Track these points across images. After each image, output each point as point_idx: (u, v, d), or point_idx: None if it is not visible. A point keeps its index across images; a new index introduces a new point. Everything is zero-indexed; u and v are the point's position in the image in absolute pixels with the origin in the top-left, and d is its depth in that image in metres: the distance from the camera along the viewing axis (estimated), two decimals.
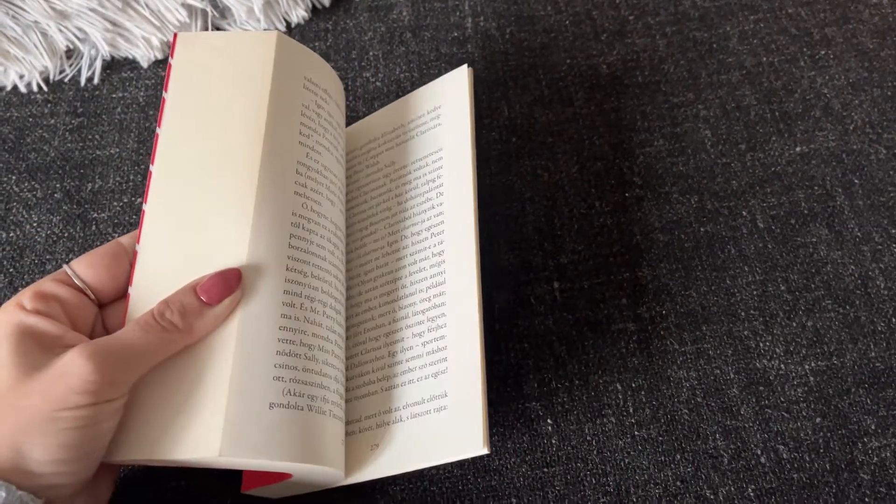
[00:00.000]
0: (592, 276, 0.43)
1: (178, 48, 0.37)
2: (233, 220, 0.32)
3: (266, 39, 0.36)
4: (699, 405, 0.39)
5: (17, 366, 0.28)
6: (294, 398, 0.31)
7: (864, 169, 0.46)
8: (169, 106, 0.35)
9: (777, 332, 0.41)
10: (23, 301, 0.30)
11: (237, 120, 0.34)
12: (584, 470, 0.38)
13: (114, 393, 0.28)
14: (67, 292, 0.31)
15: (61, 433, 0.27)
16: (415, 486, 0.38)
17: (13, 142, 0.49)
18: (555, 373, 0.41)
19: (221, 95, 0.35)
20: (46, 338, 0.29)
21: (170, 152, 0.34)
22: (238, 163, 0.33)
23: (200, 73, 0.36)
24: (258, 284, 0.32)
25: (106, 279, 0.32)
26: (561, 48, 0.52)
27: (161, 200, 0.34)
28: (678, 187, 0.46)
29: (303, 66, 0.37)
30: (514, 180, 0.47)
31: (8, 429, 0.27)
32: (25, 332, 0.28)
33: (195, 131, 0.35)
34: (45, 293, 0.30)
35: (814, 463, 0.38)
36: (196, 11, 0.52)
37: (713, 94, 0.50)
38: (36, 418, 0.27)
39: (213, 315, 0.30)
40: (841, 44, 0.52)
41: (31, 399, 0.27)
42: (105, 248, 0.33)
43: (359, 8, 0.55)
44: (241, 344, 0.30)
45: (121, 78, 0.52)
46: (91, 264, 0.32)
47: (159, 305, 0.30)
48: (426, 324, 0.35)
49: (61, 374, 0.27)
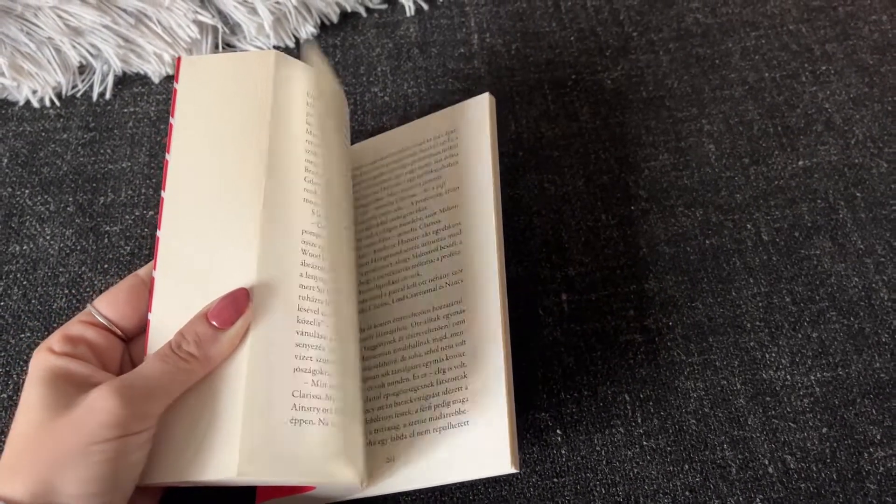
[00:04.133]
0: (600, 288, 0.44)
1: (182, 72, 0.37)
2: (240, 241, 0.33)
3: (265, 59, 0.37)
4: (706, 415, 0.40)
5: (47, 406, 0.29)
6: (313, 413, 0.31)
7: (866, 182, 0.47)
8: (176, 131, 0.36)
9: (783, 343, 0.42)
10: (52, 345, 0.31)
11: (241, 141, 0.35)
12: (593, 480, 0.38)
13: (141, 425, 0.29)
14: (94, 332, 0.32)
15: (92, 467, 0.27)
16: (425, 495, 0.38)
17: (26, 156, 0.50)
18: (563, 384, 0.41)
19: (225, 117, 0.36)
20: (76, 378, 0.30)
21: (179, 177, 0.35)
22: (243, 184, 0.34)
23: (205, 97, 0.36)
24: (269, 302, 0.32)
25: (129, 313, 0.33)
26: (566, 64, 0.53)
27: (173, 226, 0.34)
28: (683, 200, 0.47)
29: (304, 82, 0.37)
30: (522, 194, 0.47)
31: (41, 465, 0.27)
32: (56, 374, 0.30)
33: (202, 155, 0.35)
34: (73, 336, 0.32)
35: (821, 473, 0.38)
36: (207, 28, 0.53)
37: (716, 109, 0.51)
38: (67, 453, 0.27)
39: (227, 339, 0.31)
40: (841, 59, 0.53)
41: (62, 435, 0.28)
42: (124, 283, 0.34)
43: (366, 24, 0.56)
44: (253, 363, 0.31)
45: (132, 93, 0.53)
46: (113, 301, 0.33)
47: (175, 337, 0.31)
48: (446, 329, 0.36)
49: (89, 409, 0.28)
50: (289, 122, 0.36)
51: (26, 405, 0.29)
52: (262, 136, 0.35)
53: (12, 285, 0.44)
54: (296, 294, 0.33)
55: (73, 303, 0.44)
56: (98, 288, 0.44)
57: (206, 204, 0.34)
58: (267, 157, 0.34)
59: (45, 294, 0.44)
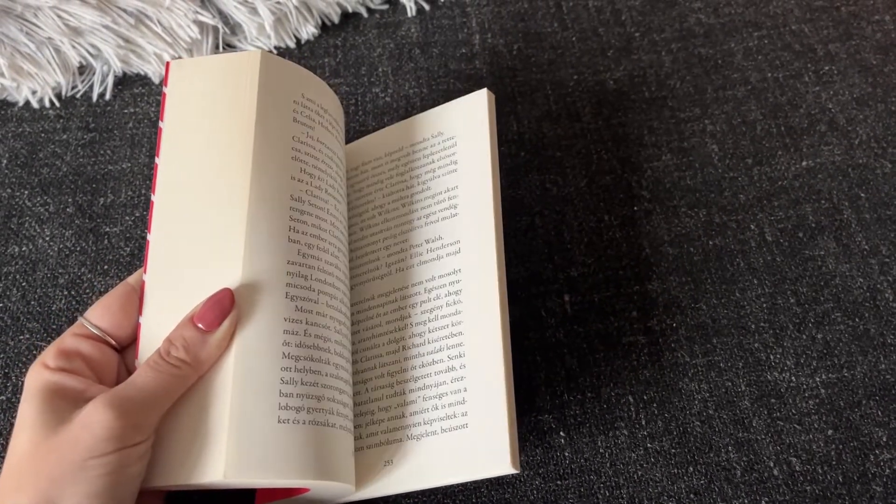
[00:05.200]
0: (602, 288, 0.43)
1: (170, 76, 0.37)
2: (227, 242, 0.33)
3: (251, 59, 0.36)
4: (711, 417, 0.39)
5: (44, 423, 0.28)
6: (301, 413, 0.31)
7: (870, 183, 0.47)
8: (165, 135, 0.36)
9: (787, 344, 0.42)
10: (46, 360, 0.31)
11: (227, 143, 0.35)
12: (597, 482, 0.38)
13: (138, 436, 0.28)
14: (87, 345, 0.32)
15: (91, 481, 0.27)
16: (428, 497, 0.38)
17: (26, 157, 0.49)
18: (566, 385, 0.41)
19: (212, 120, 0.35)
20: (71, 393, 0.30)
21: (168, 181, 0.35)
22: (229, 186, 0.34)
23: (192, 99, 0.36)
24: (255, 303, 0.32)
25: (122, 321, 0.33)
26: (568, 64, 0.53)
27: (162, 229, 0.34)
28: (686, 201, 0.47)
29: (291, 82, 0.37)
30: (524, 194, 0.47)
31: (40, 484, 0.27)
32: (50, 390, 0.29)
33: (190, 158, 0.35)
34: (67, 350, 0.31)
35: (826, 475, 0.38)
36: (207, 28, 0.52)
37: (719, 109, 0.50)
38: (66, 469, 0.27)
39: (215, 341, 0.31)
40: (844, 60, 0.52)
41: (59, 452, 0.28)
42: (115, 292, 0.34)
43: (367, 25, 0.56)
44: (239, 364, 0.31)
45: (132, 94, 0.52)
46: (105, 310, 0.33)
47: (164, 344, 0.31)
48: (446, 329, 0.35)
49: (84, 424, 0.28)
50: (275, 122, 0.36)
51: (23, 422, 0.29)
52: (247, 137, 0.35)
53: (11, 286, 0.44)
54: (282, 295, 0.32)
55: (72, 304, 0.43)
56: (98, 289, 0.44)
57: (193, 207, 0.34)
58: (251, 159, 0.34)
59: (45, 295, 0.44)
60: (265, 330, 0.31)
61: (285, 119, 0.36)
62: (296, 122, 0.36)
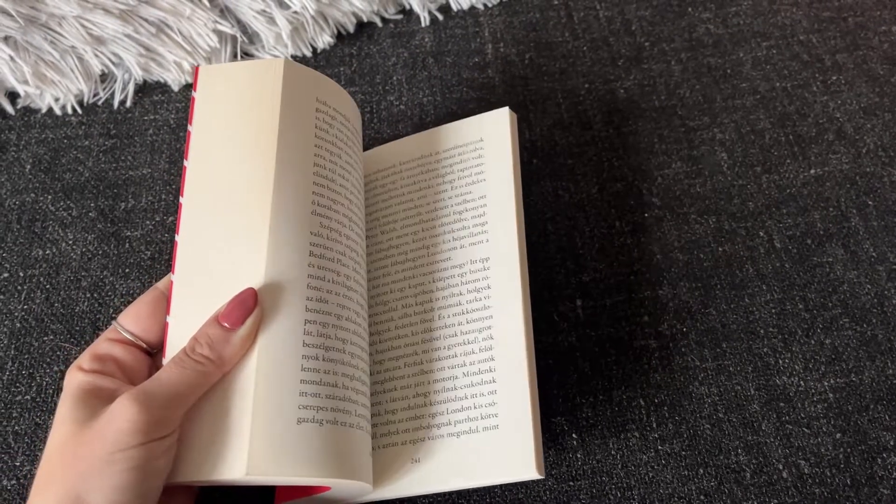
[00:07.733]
0: (614, 293, 0.44)
1: (199, 81, 0.38)
2: (250, 243, 0.34)
3: (275, 66, 0.38)
4: (721, 420, 0.40)
5: (75, 419, 0.30)
6: (322, 413, 0.32)
7: (877, 191, 0.48)
8: (193, 138, 0.37)
9: (796, 349, 0.42)
10: (82, 364, 0.32)
11: (252, 147, 0.36)
12: (609, 484, 0.39)
13: (163, 430, 0.29)
14: (120, 349, 0.33)
15: (117, 475, 0.28)
16: (442, 497, 0.39)
17: (49, 162, 0.50)
18: (579, 388, 0.41)
19: (238, 124, 0.36)
20: (103, 392, 0.31)
21: (196, 183, 0.36)
22: (253, 189, 0.35)
23: (219, 104, 0.37)
24: (278, 302, 0.33)
25: (152, 326, 0.34)
26: (579, 73, 0.54)
27: (190, 231, 0.35)
28: (696, 208, 0.47)
29: (312, 88, 0.38)
30: (536, 201, 0.48)
31: (69, 478, 0.28)
32: (84, 390, 0.31)
33: (217, 162, 0.36)
34: (101, 354, 0.33)
35: (835, 478, 0.39)
36: (226, 37, 0.54)
37: (728, 118, 0.51)
38: (93, 464, 0.28)
39: (239, 339, 0.32)
40: (852, 69, 0.53)
41: (87, 446, 0.29)
42: (146, 297, 0.35)
43: (382, 34, 0.57)
44: (262, 363, 0.32)
45: (152, 101, 0.53)
46: (136, 316, 0.34)
47: (190, 342, 0.32)
48: (476, 333, 0.36)
49: (111, 419, 0.29)
50: (298, 127, 0.37)
51: (59, 421, 0.30)
52: (271, 141, 0.36)
53: (35, 289, 0.45)
54: (303, 296, 0.33)
55: (94, 306, 0.44)
56: (119, 292, 0.45)
57: (220, 209, 0.35)
58: (275, 163, 0.35)
59: (68, 297, 0.45)
60: (287, 329, 0.32)
61: (307, 124, 0.37)
62: (317, 128, 0.38)
